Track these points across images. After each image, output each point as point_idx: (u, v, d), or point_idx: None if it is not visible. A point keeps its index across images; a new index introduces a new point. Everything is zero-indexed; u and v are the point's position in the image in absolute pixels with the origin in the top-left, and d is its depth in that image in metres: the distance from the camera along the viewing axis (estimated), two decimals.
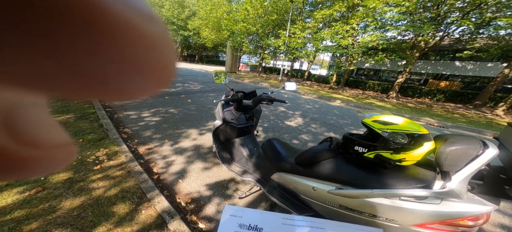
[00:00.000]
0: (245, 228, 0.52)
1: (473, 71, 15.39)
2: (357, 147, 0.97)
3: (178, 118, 3.60)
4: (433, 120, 5.80)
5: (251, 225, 0.52)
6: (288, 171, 1.29)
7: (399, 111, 6.66)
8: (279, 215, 0.57)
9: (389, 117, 0.93)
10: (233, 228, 0.51)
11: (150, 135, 2.80)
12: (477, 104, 9.92)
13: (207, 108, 4.45)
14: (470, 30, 8.79)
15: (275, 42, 11.10)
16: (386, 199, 0.84)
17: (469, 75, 15.61)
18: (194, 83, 8.26)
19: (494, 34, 8.32)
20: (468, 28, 8.51)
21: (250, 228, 0.52)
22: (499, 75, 9.20)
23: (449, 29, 9.35)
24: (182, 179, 1.92)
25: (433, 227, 0.76)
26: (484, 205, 0.71)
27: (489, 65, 14.22)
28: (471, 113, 8.27)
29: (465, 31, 9.32)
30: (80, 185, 1.51)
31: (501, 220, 1.79)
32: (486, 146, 0.71)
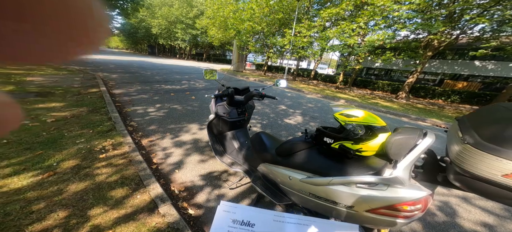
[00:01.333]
0: (237, 224, 0.54)
1: (494, 71, 14.42)
2: (325, 138, 1.04)
3: (181, 113, 3.76)
4: (441, 122, 5.56)
5: (244, 221, 0.55)
6: (270, 162, 1.36)
7: (406, 112, 6.43)
8: (271, 212, 0.59)
9: (352, 111, 0.98)
10: (227, 223, 0.54)
11: (154, 128, 2.97)
12: None
13: (209, 105, 4.59)
14: (491, 28, 8.20)
15: (281, 41, 11.03)
16: (345, 187, 0.89)
17: (489, 75, 14.63)
18: (200, 81, 8.46)
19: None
20: (488, 26, 7.94)
21: (243, 223, 0.54)
22: None
23: (467, 27, 8.79)
24: (179, 169, 2.05)
25: (381, 212, 0.81)
26: (421, 190, 0.75)
27: (511, 65, 13.25)
28: None
29: (486, 29, 8.71)
30: (86, 171, 1.68)
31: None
32: (425, 136, 0.75)
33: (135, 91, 5.18)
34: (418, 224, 1.62)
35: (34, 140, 2.07)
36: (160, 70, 10.96)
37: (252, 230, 0.53)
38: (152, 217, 1.33)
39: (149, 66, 12.82)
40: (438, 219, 1.71)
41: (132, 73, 8.38)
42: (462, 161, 0.55)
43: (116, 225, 1.21)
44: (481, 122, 0.60)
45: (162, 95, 4.98)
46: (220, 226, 0.53)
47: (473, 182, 0.55)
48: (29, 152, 1.85)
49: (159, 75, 8.72)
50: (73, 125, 2.61)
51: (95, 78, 6.07)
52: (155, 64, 15.25)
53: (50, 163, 1.72)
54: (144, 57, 26.22)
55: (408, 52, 8.80)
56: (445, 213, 1.79)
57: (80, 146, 2.10)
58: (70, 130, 2.46)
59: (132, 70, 9.38)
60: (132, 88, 5.51)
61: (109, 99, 3.96)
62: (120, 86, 5.61)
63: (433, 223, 1.66)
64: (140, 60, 18.40)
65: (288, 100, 6.35)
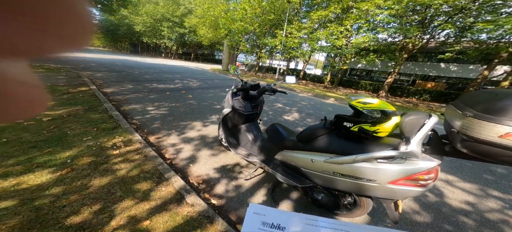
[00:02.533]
0: (268, 227, 0.51)
1: (456, 73, 16.14)
2: (345, 123, 1.18)
3: (182, 111, 3.73)
4: None
5: (274, 224, 0.52)
6: (290, 149, 1.48)
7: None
8: (303, 216, 0.55)
9: (368, 99, 1.14)
10: (257, 226, 0.52)
11: (157, 126, 2.93)
12: None
13: (208, 103, 4.60)
14: (454, 34, 9.26)
15: (273, 42, 11.28)
16: (367, 163, 1.04)
17: (453, 76, 16.36)
18: (193, 80, 8.33)
19: (475, 38, 8.82)
20: (452, 31, 8.96)
21: (273, 226, 0.51)
22: (479, 77, 9.75)
23: (435, 32, 9.82)
24: (192, 164, 2.09)
25: (401, 182, 0.97)
26: (432, 161, 0.93)
27: (471, 67, 14.97)
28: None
29: (450, 35, 9.80)
30: (104, 167, 1.66)
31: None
32: (430, 117, 0.93)
33: (128, 90, 4.99)
34: (415, 204, 1.86)
35: (37, 139, 1.97)
36: (148, 69, 10.52)
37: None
38: (182, 207, 1.38)
39: (135, 65, 12.23)
40: (430, 200, 1.98)
41: (119, 72, 7.97)
42: (467, 130, 0.72)
43: (151, 216, 1.25)
44: (473, 101, 0.77)
45: (158, 94, 4.86)
46: (251, 227, 0.51)
47: (477, 145, 0.72)
48: (36, 150, 1.76)
49: (149, 74, 8.40)
50: (73, 123, 2.50)
51: (80, 77, 5.72)
52: (141, 63, 14.56)
53: (63, 160, 1.66)
54: (126, 55, 24.75)
55: (388, 54, 9.55)
56: (435, 195, 2.07)
57: (89, 143, 2.04)
58: (72, 128, 2.36)
59: (117, 69, 8.89)
60: (123, 87, 5.29)
61: (103, 97, 3.80)
62: (109, 85, 5.35)
63: (427, 203, 1.92)
64: (123, 58, 17.38)
65: (283, 99, 6.54)
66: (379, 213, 1.65)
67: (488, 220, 1.70)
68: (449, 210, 1.79)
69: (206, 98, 5.19)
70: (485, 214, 1.78)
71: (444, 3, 6.49)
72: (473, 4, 6.95)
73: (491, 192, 2.14)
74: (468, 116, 0.72)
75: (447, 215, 1.71)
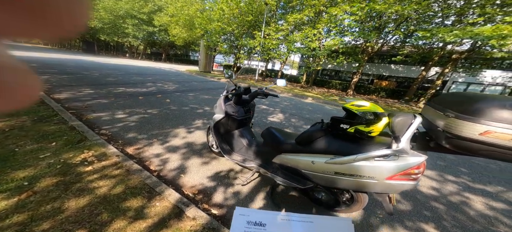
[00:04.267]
0: (252, 225, 0.61)
1: (403, 73, 19.02)
2: (342, 125, 1.26)
3: (161, 118, 3.43)
4: None
5: (257, 222, 0.62)
6: (288, 152, 1.49)
7: None
8: (279, 214, 0.67)
9: (361, 102, 1.24)
10: (243, 225, 0.60)
11: (134, 135, 2.62)
12: (406, 99, 12.38)
13: (189, 107, 4.33)
14: (400, 39, 10.95)
15: (252, 43, 11.35)
16: (367, 162, 1.13)
17: (400, 76, 19.23)
18: (168, 83, 7.75)
19: (415, 43, 10.60)
20: (399, 37, 10.58)
21: (256, 224, 0.61)
22: (419, 76, 11.71)
23: (387, 38, 11.43)
24: (183, 174, 1.93)
25: (397, 177, 1.08)
26: (420, 156, 1.07)
27: (413, 68, 17.82)
28: (403, 106, 10.32)
29: (397, 40, 11.54)
30: (78, 186, 1.39)
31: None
32: (415, 117, 1.07)
33: (88, 96, 4.33)
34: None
35: None
36: (110, 71, 9.32)
37: (264, 229, 0.60)
38: (183, 221, 1.27)
39: (92, 66, 10.68)
40: None
41: (72, 75, 6.84)
42: (450, 129, 0.84)
43: None
44: (450, 103, 0.91)
45: (128, 100, 4.35)
46: (237, 228, 0.59)
47: (460, 142, 0.81)
48: None
49: (113, 77, 7.45)
50: (20, 138, 2.04)
51: None
52: (100, 63, 12.81)
53: (18, 183, 1.34)
54: (78, 55, 21.29)
55: (354, 56, 10.67)
56: None
57: (49, 160, 1.69)
58: (20, 144, 1.92)
59: (69, 71, 7.62)
60: (80, 92, 4.56)
61: (57, 106, 3.20)
62: (61, 90, 4.54)
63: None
64: (75, 58, 14.95)
65: (265, 100, 6.63)
66: (371, 206, 1.82)
67: (451, 201, 2.05)
68: (422, 197, 2.08)
69: (187, 102, 4.89)
70: (448, 197, 2.14)
71: (394, 12, 7.60)
72: (415, 13, 8.33)
73: (447, 177, 2.57)
74: (451, 117, 0.84)
75: (421, 201, 1.98)
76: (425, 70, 11.22)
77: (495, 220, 1.79)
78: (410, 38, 10.11)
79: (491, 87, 16.30)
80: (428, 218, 1.72)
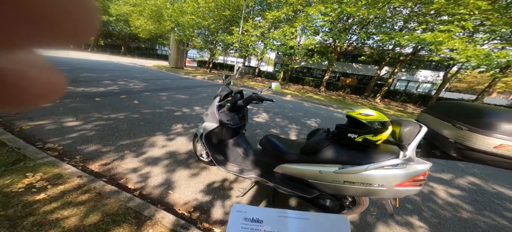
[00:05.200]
0: (249, 221, 0.64)
1: (362, 71, 21.61)
2: (349, 134, 1.26)
3: (130, 124, 2.97)
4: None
5: (254, 219, 0.65)
6: (293, 162, 1.45)
7: (330, 103, 8.47)
8: (276, 210, 0.69)
9: (367, 111, 1.27)
10: (240, 221, 0.63)
11: (97, 148, 2.20)
12: (366, 95, 14.11)
13: (165, 110, 3.89)
14: (362, 40, 12.41)
15: (230, 39, 10.98)
16: (377, 170, 1.17)
17: (360, 74, 21.81)
18: (134, 81, 6.82)
19: (376, 45, 12.17)
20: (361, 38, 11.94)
21: (253, 221, 0.65)
22: (375, 75, 13.49)
23: (352, 39, 12.77)
24: (171, 190, 1.71)
25: (406, 184, 1.15)
26: (425, 164, 1.12)
27: (369, 67, 20.41)
28: (364, 102, 11.73)
29: (359, 41, 13.02)
30: (32, 220, 1.06)
31: None
32: (421, 127, 1.14)
33: None
34: None
35: None
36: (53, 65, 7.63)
37: (260, 225, 0.63)
38: None
39: None
40: None
41: None
42: (464, 141, 0.89)
43: None
44: (457, 114, 0.96)
45: (81, 102, 3.63)
46: (235, 224, 0.63)
47: (472, 153, 0.86)
48: None
49: None
50: None
51: None
52: None
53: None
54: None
55: (327, 55, 11.52)
56: None
57: None
58: None
59: None
60: None
61: None
62: None
63: None
64: None
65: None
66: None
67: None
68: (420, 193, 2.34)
69: (160, 103, 4.38)
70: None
71: (361, 15, 8.51)
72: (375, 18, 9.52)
73: None
74: (464, 130, 0.90)
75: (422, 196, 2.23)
76: (379, 69, 12.99)
77: None
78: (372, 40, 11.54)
79: (423, 84, 20.50)
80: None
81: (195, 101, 5.07)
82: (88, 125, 2.70)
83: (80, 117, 2.91)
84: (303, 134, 3.74)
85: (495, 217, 2.01)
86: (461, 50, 6.75)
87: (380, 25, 10.50)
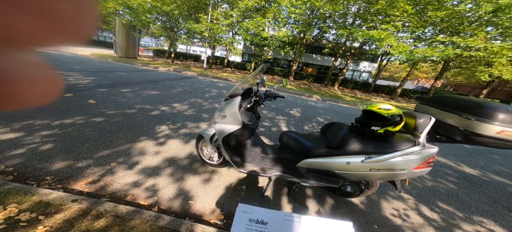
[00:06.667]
0: (253, 222, 0.65)
1: (321, 62, 24.03)
2: (372, 127, 1.48)
3: (99, 130, 2.52)
4: (319, 97, 8.71)
5: (258, 220, 0.66)
6: (319, 156, 1.59)
7: (301, 92, 9.15)
8: (281, 213, 0.69)
9: (385, 105, 1.51)
10: (245, 222, 0.64)
11: (68, 164, 1.82)
12: (326, 83, 15.90)
13: (138, 110, 3.41)
14: (321, 34, 13.77)
15: (197, 27, 10.01)
16: (400, 157, 1.40)
17: (319, 64, 24.19)
18: (73, 74, 5.56)
19: (336, 39, 13.70)
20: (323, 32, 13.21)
21: (257, 222, 0.65)
22: (332, 65, 15.31)
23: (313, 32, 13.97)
24: (191, 200, 1.62)
25: (421, 166, 1.37)
26: (434, 147, 1.38)
27: (326, 58, 22.89)
28: (325, 90, 13.24)
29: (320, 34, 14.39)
30: None
31: None
32: (431, 118, 1.44)
33: None
34: None
35: None
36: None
37: (265, 227, 0.63)
38: None
39: None
40: None
41: None
42: (471, 128, 1.18)
43: None
44: (460, 106, 1.27)
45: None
46: (239, 224, 0.64)
47: (478, 138, 1.15)
48: None
49: None
50: None
51: None
52: None
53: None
54: None
55: (297, 47, 12.20)
56: None
57: None
58: None
59: None
60: None
61: None
62: None
63: None
64: None
65: (225, 91, 6.36)
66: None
67: None
68: None
69: (127, 102, 3.76)
70: None
71: (327, 9, 9.38)
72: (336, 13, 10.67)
73: None
74: (472, 120, 1.22)
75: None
76: (335, 60, 14.84)
77: None
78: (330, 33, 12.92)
79: (363, 73, 24.84)
80: None
81: (170, 97, 4.62)
82: (34, 137, 2.13)
83: (16, 127, 2.26)
84: (291, 124, 4.00)
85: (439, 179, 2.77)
86: (395, 47, 8.57)
87: (336, 21, 11.86)
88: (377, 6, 8.76)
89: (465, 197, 2.28)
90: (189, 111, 3.81)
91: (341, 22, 11.85)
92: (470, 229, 1.78)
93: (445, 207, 2.04)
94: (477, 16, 8.55)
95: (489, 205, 2.19)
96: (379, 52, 10.95)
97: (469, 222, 1.87)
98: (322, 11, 9.98)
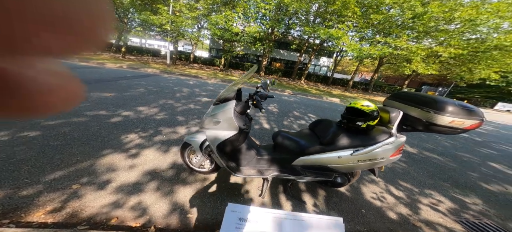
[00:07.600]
0: (243, 221, 0.65)
1: (288, 57, 25.19)
2: (357, 122, 1.68)
3: (36, 148, 2.06)
4: (291, 91, 9.15)
5: (248, 218, 0.66)
6: (317, 153, 1.69)
7: (274, 87, 9.39)
8: (270, 210, 0.71)
9: (366, 102, 1.72)
10: (235, 221, 0.65)
11: (5, 194, 1.44)
12: (293, 77, 16.84)
13: (90, 118, 2.90)
14: (288, 31, 14.46)
15: (156, 19, 8.82)
16: (381, 147, 1.62)
17: (286, 59, 25.34)
18: None
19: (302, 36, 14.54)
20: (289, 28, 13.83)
21: (247, 221, 0.65)
22: (297, 60, 16.31)
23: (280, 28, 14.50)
24: (188, 213, 1.51)
25: (395, 154, 1.59)
26: (403, 136, 1.60)
27: (292, 53, 24.15)
28: (294, 84, 14.04)
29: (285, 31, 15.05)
30: None
31: None
32: (400, 112, 1.69)
33: None
34: None
35: None
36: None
37: (255, 226, 0.64)
38: None
39: None
40: None
41: None
42: (431, 119, 1.46)
43: None
44: (420, 101, 1.54)
45: None
46: (229, 224, 0.64)
47: (434, 127, 1.41)
48: None
49: None
50: None
51: None
52: None
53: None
54: None
55: (267, 42, 12.37)
56: None
57: None
58: None
59: None
60: None
61: None
62: None
63: None
64: None
65: (200, 91, 5.92)
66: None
67: None
68: None
69: (74, 109, 3.10)
70: None
71: (294, 7, 9.84)
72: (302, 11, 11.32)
73: None
74: (431, 113, 1.48)
75: None
76: (300, 56, 15.87)
77: None
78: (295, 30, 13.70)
79: (323, 68, 27.57)
80: None
81: (132, 99, 4.08)
82: None
83: None
84: (272, 121, 4.10)
85: None
86: (348, 44, 9.89)
87: (300, 18, 12.64)
88: (334, 6, 9.71)
89: (414, 174, 2.79)
90: (160, 115, 3.46)
91: (304, 19, 12.64)
92: (427, 201, 2.22)
93: (405, 184, 2.45)
94: (401, 21, 10.53)
95: (429, 178, 2.75)
96: (337, 49, 12.23)
97: (424, 196, 2.31)
98: (288, 9, 10.45)
